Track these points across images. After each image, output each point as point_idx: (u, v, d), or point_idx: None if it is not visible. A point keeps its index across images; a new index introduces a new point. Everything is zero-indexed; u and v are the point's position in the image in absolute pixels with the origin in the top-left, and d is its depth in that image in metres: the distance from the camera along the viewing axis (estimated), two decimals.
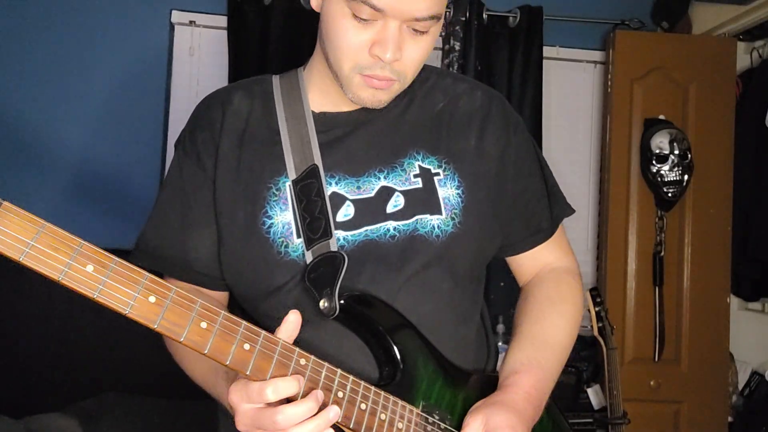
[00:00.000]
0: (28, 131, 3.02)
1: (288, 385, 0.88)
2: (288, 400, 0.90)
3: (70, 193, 3.03)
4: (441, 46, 3.25)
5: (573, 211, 1.33)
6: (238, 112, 1.18)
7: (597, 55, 3.48)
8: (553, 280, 1.28)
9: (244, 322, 0.90)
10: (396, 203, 1.12)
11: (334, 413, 0.91)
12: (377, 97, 1.09)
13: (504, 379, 1.13)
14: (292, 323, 0.93)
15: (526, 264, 1.31)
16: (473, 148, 1.18)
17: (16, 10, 3.04)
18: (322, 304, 1.04)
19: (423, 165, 1.15)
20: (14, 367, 2.61)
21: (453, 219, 1.13)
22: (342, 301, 1.04)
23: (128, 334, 2.58)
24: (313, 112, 1.17)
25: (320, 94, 1.18)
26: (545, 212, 1.27)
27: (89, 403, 2.36)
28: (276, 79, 1.22)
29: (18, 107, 3.01)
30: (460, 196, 1.14)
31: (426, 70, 1.24)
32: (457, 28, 3.20)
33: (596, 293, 2.76)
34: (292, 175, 1.12)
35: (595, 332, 2.71)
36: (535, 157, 1.28)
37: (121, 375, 2.60)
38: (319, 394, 0.91)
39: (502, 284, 3.03)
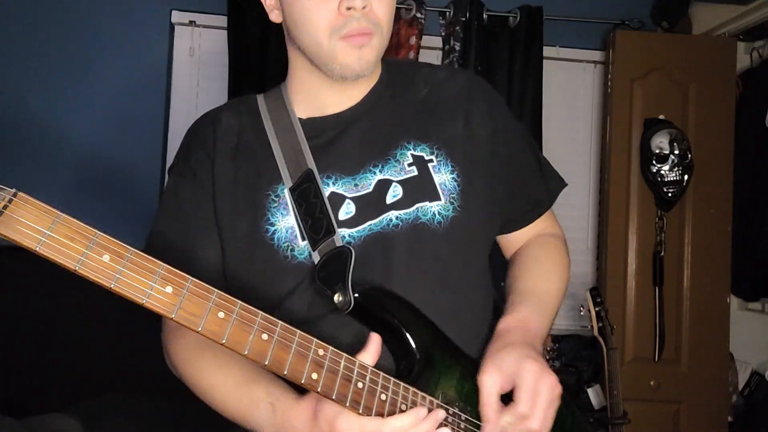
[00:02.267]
0: (29, 129, 3.00)
1: (403, 423, 0.94)
2: None
3: (71, 192, 3.01)
4: (441, 46, 3.26)
5: (566, 184, 1.37)
6: (228, 128, 1.20)
7: (597, 55, 3.47)
8: (539, 243, 1.32)
9: (261, 312, 0.89)
10: (395, 193, 1.13)
11: (442, 413, 0.98)
12: (364, 57, 1.10)
13: (496, 333, 1.15)
14: (374, 350, 0.98)
15: (519, 239, 1.34)
16: (462, 132, 1.20)
17: (18, 12, 3.04)
18: (337, 298, 1.03)
19: (415, 153, 1.16)
20: (16, 367, 2.59)
21: (452, 203, 1.14)
22: (356, 295, 1.03)
23: (130, 334, 2.57)
24: (300, 119, 1.18)
25: (305, 102, 1.20)
26: (542, 187, 1.32)
27: (91, 404, 2.34)
28: (260, 97, 1.24)
29: (20, 106, 3.00)
30: (456, 180, 1.16)
31: (403, 64, 1.28)
32: (457, 28, 3.20)
33: (596, 293, 2.76)
34: (288, 183, 1.13)
35: (595, 332, 2.71)
36: (524, 134, 1.32)
37: (124, 375, 2.58)
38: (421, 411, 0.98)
39: (502, 284, 3.01)
